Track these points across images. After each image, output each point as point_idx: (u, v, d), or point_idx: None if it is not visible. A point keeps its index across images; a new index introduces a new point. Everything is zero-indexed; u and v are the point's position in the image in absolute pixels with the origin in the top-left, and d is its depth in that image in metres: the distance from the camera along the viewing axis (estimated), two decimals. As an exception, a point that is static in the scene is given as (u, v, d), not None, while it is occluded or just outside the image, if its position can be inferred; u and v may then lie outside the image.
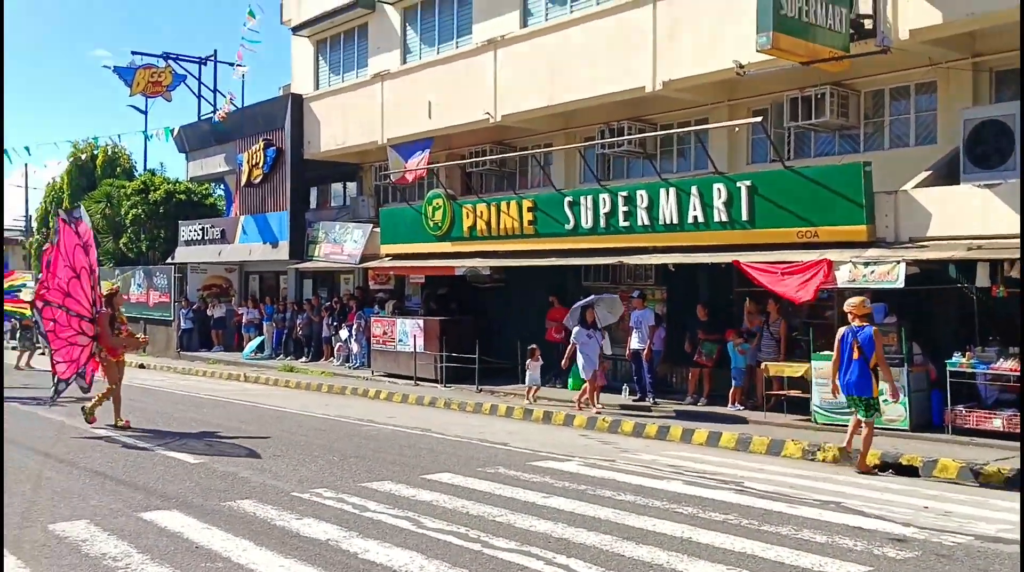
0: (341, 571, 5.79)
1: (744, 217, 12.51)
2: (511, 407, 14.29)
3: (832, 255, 11.25)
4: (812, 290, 11.20)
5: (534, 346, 15.01)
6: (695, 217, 13.09)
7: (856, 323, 9.55)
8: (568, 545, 6.38)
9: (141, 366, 23.37)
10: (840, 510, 7.59)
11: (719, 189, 12.78)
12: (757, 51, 11.65)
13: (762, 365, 12.82)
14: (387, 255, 19.35)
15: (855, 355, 9.44)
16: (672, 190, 13.41)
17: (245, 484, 8.50)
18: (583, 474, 9.16)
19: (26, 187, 42.57)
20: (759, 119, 13.11)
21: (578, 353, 13.61)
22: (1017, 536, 6.59)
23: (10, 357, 21.78)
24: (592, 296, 14.10)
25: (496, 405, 14.55)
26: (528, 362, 14.71)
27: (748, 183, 12.50)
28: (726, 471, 9.46)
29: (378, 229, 19.76)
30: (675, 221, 13.35)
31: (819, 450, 10.44)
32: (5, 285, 18.84)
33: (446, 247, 17.56)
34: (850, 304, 9.69)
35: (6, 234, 40.98)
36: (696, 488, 8.47)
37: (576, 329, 13.65)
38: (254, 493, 8.07)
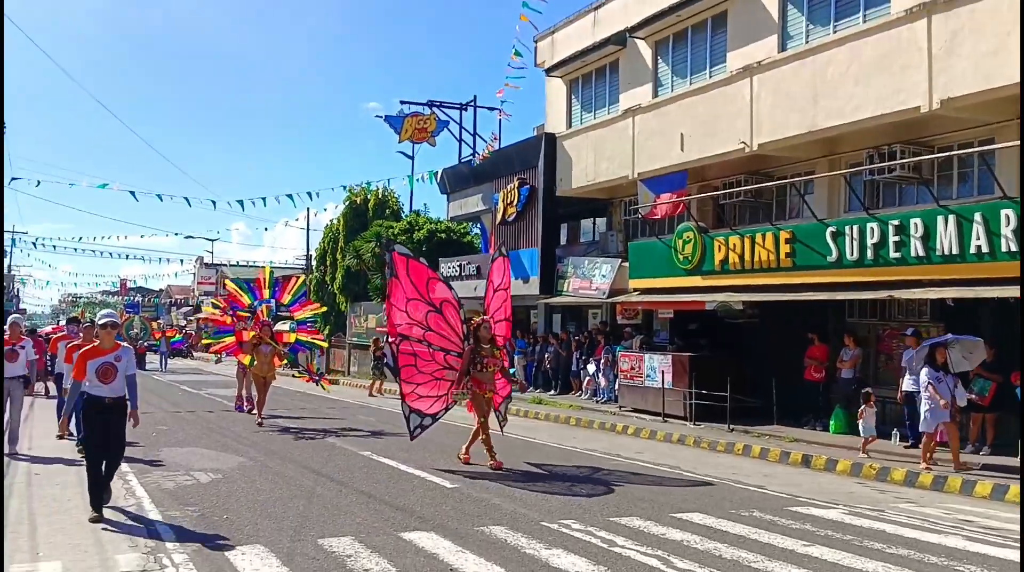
0: (590, 605, 5.66)
1: (1038, 245, 11.20)
2: (765, 448, 13.54)
3: None
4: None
5: (869, 390, 13.13)
6: (978, 247, 11.93)
7: None
8: (834, 599, 5.85)
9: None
10: None
11: (1008, 215, 11.58)
12: (1054, 60, 10.44)
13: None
14: (635, 289, 19.25)
15: None
16: (952, 218, 12.31)
17: (496, 510, 8.62)
18: (848, 523, 8.44)
19: (307, 228, 47.10)
20: (1056, 136, 11.70)
21: (923, 399, 11.85)
22: None
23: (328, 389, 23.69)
24: (949, 335, 12.35)
25: (749, 445, 13.85)
26: (863, 409, 12.72)
27: (1044, 208, 11.21)
28: (1015, 528, 8.35)
29: (626, 264, 19.73)
30: (955, 251, 12.24)
31: None
32: (300, 316, 19.14)
33: (696, 281, 17.16)
34: None
35: (292, 271, 45.28)
36: (979, 544, 7.56)
37: (924, 370, 11.79)
38: (505, 520, 8.15)
